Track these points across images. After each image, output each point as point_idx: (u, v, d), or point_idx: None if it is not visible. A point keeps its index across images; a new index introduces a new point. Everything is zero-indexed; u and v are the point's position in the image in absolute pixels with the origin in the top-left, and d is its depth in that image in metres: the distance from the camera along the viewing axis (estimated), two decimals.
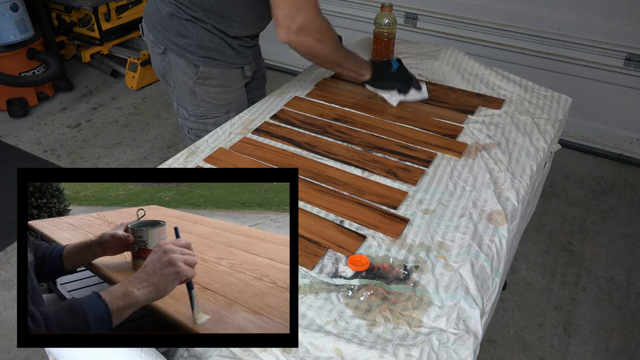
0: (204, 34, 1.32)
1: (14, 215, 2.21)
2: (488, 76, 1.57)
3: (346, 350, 0.78)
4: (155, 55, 1.42)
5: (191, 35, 1.32)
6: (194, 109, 1.43)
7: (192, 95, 1.40)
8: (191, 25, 1.31)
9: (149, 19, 1.39)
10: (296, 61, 3.24)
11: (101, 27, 3.24)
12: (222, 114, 1.44)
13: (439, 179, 1.15)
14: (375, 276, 0.91)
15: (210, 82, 1.38)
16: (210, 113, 1.43)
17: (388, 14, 1.56)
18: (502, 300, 1.84)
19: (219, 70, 1.37)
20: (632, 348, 1.70)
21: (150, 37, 1.40)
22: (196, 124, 1.45)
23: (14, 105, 2.97)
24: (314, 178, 1.15)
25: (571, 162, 2.60)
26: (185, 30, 1.32)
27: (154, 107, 3.13)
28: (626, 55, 2.37)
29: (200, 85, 1.38)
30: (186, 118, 1.46)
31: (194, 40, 1.32)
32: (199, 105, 1.42)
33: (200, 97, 1.40)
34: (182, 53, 1.34)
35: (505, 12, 2.54)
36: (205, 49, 1.33)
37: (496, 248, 0.98)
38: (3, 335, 1.75)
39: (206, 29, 1.31)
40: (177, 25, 1.32)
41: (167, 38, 1.35)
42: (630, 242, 2.12)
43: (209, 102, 1.42)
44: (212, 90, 1.40)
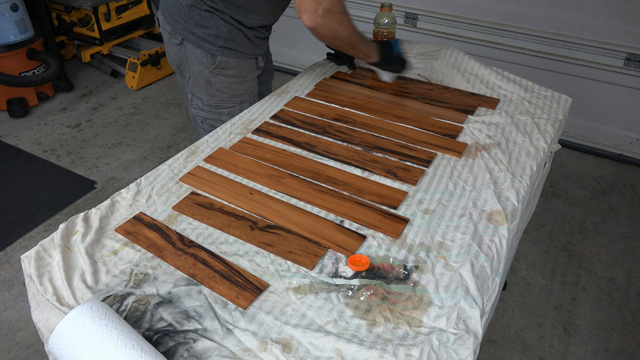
0: (222, 24, 1.37)
1: (14, 215, 2.21)
2: (488, 76, 1.57)
3: (346, 350, 0.78)
4: (171, 46, 1.46)
5: (210, 26, 1.37)
6: (209, 99, 1.47)
7: (207, 85, 1.45)
8: (210, 16, 1.36)
9: (167, 10, 1.43)
10: (296, 61, 3.24)
11: (101, 27, 3.24)
12: (236, 104, 1.49)
13: (439, 179, 1.15)
14: (375, 276, 0.91)
15: (226, 72, 1.43)
16: (224, 103, 1.48)
17: (388, 14, 1.56)
18: (502, 300, 1.84)
19: (235, 60, 1.42)
20: (632, 348, 1.70)
21: (168, 28, 1.44)
22: (210, 114, 1.50)
23: (14, 105, 2.97)
24: (314, 178, 1.15)
25: (571, 162, 2.60)
26: (204, 21, 1.36)
27: (154, 107, 3.13)
28: (626, 55, 2.37)
29: (216, 75, 1.43)
30: (201, 108, 1.50)
31: (213, 31, 1.37)
32: (214, 95, 1.46)
33: (215, 87, 1.45)
34: (200, 43, 1.39)
35: (505, 12, 2.54)
36: (223, 38, 1.38)
37: (496, 248, 0.98)
38: (3, 335, 1.75)
39: (224, 19, 1.36)
40: (197, 16, 1.37)
41: (185, 29, 1.39)
42: (630, 242, 2.12)
43: (225, 92, 1.46)
44: (228, 80, 1.45)
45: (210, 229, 1.01)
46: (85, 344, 0.72)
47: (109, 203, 1.07)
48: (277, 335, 0.81)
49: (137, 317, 0.83)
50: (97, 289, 0.88)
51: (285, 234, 0.99)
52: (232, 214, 1.04)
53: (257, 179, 1.14)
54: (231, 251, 0.96)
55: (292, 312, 0.85)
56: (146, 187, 1.12)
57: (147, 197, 1.09)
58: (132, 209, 1.06)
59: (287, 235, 0.99)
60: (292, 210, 1.06)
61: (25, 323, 1.78)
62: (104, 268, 0.92)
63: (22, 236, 2.13)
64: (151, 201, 1.08)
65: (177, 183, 1.14)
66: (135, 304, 0.85)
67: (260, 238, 0.99)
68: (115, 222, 1.03)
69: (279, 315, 0.84)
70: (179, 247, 0.96)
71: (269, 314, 0.84)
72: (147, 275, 0.91)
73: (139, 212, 1.05)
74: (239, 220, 1.03)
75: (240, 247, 0.97)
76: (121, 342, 0.71)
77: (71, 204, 2.32)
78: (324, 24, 1.24)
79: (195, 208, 1.06)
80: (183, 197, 1.09)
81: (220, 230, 1.01)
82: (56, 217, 2.23)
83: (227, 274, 0.91)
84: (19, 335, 1.75)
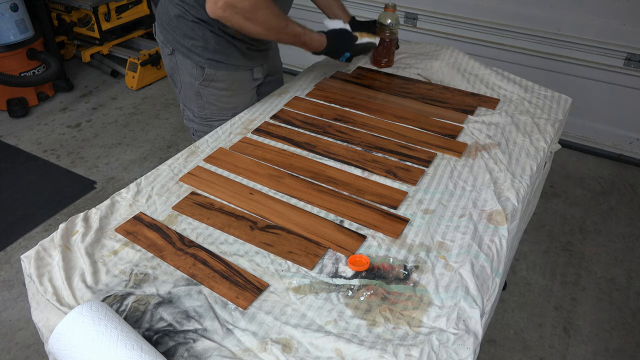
0: (210, 35, 1.31)
1: (14, 215, 2.21)
2: (488, 76, 1.57)
3: (346, 350, 0.78)
4: (164, 56, 1.42)
5: (197, 37, 1.31)
6: (200, 111, 1.42)
7: (197, 97, 1.40)
8: (198, 27, 1.30)
9: (160, 19, 1.39)
10: (296, 61, 3.24)
11: (101, 27, 3.24)
12: (228, 117, 1.42)
13: (439, 179, 1.15)
14: (375, 276, 0.91)
15: (215, 85, 1.38)
16: (215, 116, 1.42)
17: (391, 15, 1.56)
18: (502, 300, 1.84)
19: (224, 73, 1.36)
20: (632, 348, 1.70)
21: (160, 37, 1.40)
22: (201, 126, 1.45)
23: (14, 105, 2.97)
24: (314, 178, 1.15)
25: (571, 162, 2.60)
26: (192, 32, 1.31)
27: (154, 107, 3.13)
28: (626, 55, 2.37)
29: (206, 88, 1.38)
30: (192, 120, 1.46)
31: (200, 42, 1.32)
32: (204, 107, 1.41)
33: (205, 100, 1.40)
34: (188, 54, 1.34)
35: (505, 12, 2.54)
36: (211, 51, 1.32)
37: (496, 248, 0.98)
38: (3, 335, 1.75)
39: (212, 31, 1.31)
40: (184, 26, 1.31)
41: (174, 39, 1.34)
42: (630, 242, 2.12)
43: (215, 104, 1.41)
44: (218, 93, 1.39)
45: (210, 229, 1.01)
46: (85, 344, 0.72)
47: (109, 203, 1.07)
48: (277, 335, 0.81)
49: (137, 317, 0.83)
50: (97, 289, 0.88)
51: (285, 234, 0.99)
52: (232, 214, 1.04)
53: (257, 179, 1.14)
54: (231, 251, 0.96)
55: (292, 312, 0.85)
56: (146, 187, 1.12)
57: (147, 197, 1.09)
58: (132, 209, 1.06)
59: (287, 235, 0.99)
60: (292, 210, 1.06)
61: (25, 323, 1.78)
62: (104, 268, 0.92)
63: (22, 236, 2.13)
64: (151, 201, 1.08)
65: (177, 183, 1.14)
66: (135, 304, 0.85)
67: (260, 238, 0.99)
68: (115, 222, 1.03)
69: (279, 315, 0.84)
70: (179, 247, 0.96)
71: (269, 314, 0.84)
72: (147, 275, 0.91)
73: (139, 212, 1.04)
74: (239, 220, 1.03)
75: (240, 247, 0.97)
76: (121, 342, 0.71)
77: (71, 204, 2.32)
78: (226, 18, 1.15)
79: (195, 208, 1.06)
80: (183, 197, 1.09)
81: (220, 230, 1.01)
82: (56, 217, 2.23)
83: (227, 274, 0.91)
84: (19, 335, 1.75)
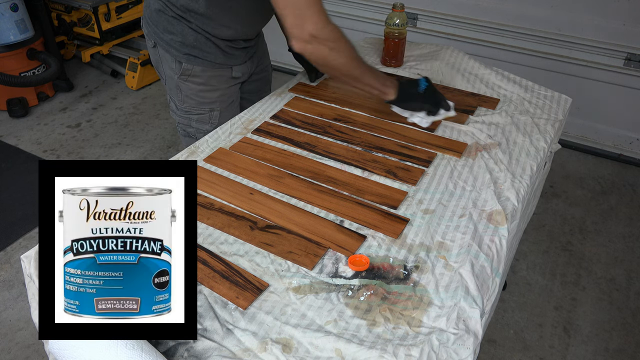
0: (189, 32, 1.32)
1: (14, 215, 2.21)
2: (488, 76, 1.57)
3: (346, 350, 0.78)
4: (149, 48, 1.45)
5: (176, 32, 1.33)
6: (180, 104, 1.44)
7: (177, 90, 1.42)
8: (177, 22, 1.32)
9: (144, 12, 1.42)
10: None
11: (101, 27, 3.23)
12: (205, 111, 1.44)
13: (439, 179, 1.15)
14: (375, 276, 0.91)
15: (193, 80, 1.39)
16: (193, 109, 1.44)
17: (399, 15, 1.56)
18: (502, 300, 1.84)
19: (201, 69, 1.37)
20: (632, 348, 1.70)
21: (145, 30, 1.43)
22: (181, 119, 1.47)
23: (14, 105, 2.97)
24: (314, 178, 1.15)
25: (571, 162, 2.60)
26: (171, 27, 1.33)
27: (154, 107, 3.13)
28: (626, 55, 2.37)
29: (184, 82, 1.39)
30: (174, 111, 1.49)
31: (179, 37, 1.33)
32: (184, 100, 1.43)
33: (184, 93, 1.42)
34: (167, 48, 1.36)
35: (505, 12, 2.54)
36: (188, 46, 1.34)
37: (496, 248, 0.98)
38: (3, 335, 1.75)
39: (191, 27, 1.31)
40: (164, 21, 1.33)
41: (155, 33, 1.37)
42: (630, 242, 2.12)
43: (193, 98, 1.42)
44: (196, 88, 1.40)
45: (210, 229, 1.01)
46: (85, 344, 0.72)
47: None
48: (277, 335, 0.81)
49: None
50: None
51: (285, 234, 0.99)
52: (232, 214, 1.04)
53: (257, 179, 1.14)
54: (231, 251, 0.96)
55: (292, 312, 0.85)
56: None
57: None
58: None
59: (287, 235, 0.99)
60: (292, 210, 1.06)
61: (25, 323, 1.78)
62: None
63: (22, 236, 2.13)
64: None
65: None
66: None
67: (260, 238, 0.99)
68: None
69: (279, 315, 0.84)
70: None
71: (269, 314, 0.84)
72: None
73: None
74: (239, 220, 1.03)
75: (240, 247, 0.97)
76: (121, 342, 0.71)
77: None
78: (313, 50, 1.14)
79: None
80: None
81: (220, 230, 1.01)
82: None
83: (227, 274, 0.91)
84: (19, 335, 1.75)
